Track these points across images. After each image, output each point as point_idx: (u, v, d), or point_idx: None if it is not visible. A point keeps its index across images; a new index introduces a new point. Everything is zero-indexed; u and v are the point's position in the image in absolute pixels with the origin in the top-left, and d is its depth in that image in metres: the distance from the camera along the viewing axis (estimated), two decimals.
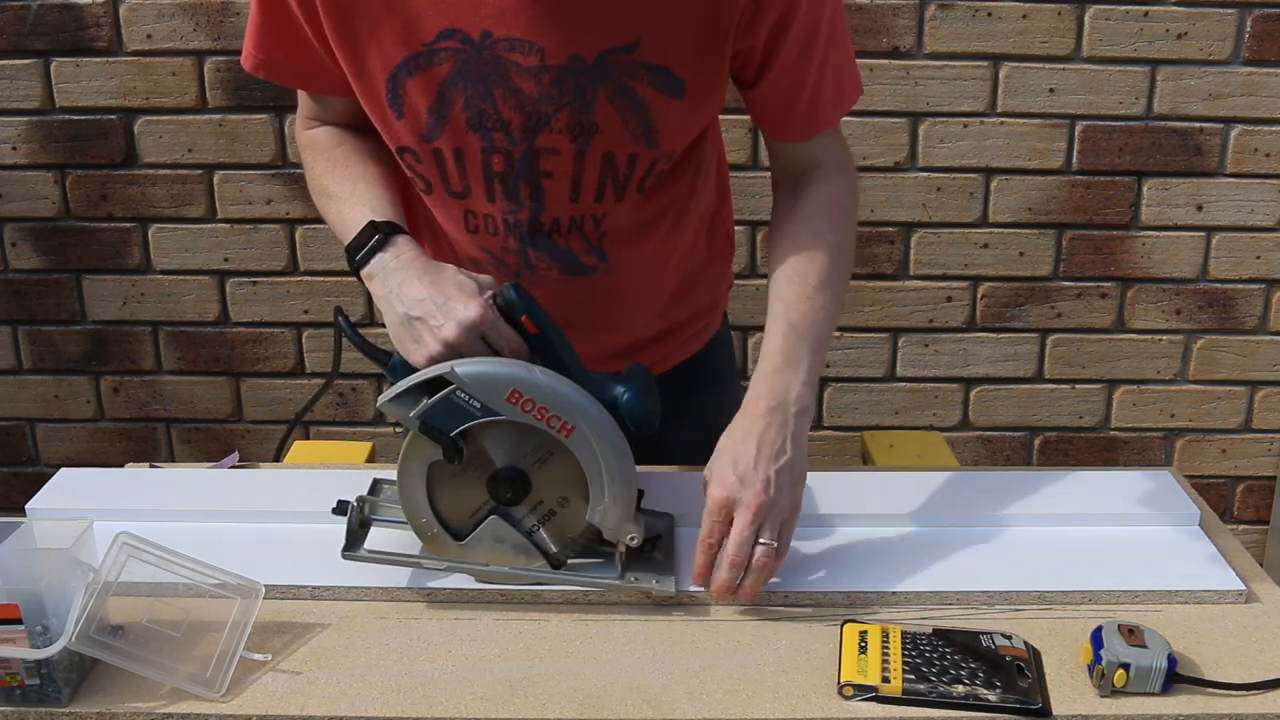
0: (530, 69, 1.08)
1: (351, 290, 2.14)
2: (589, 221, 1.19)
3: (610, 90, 1.09)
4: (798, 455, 1.09)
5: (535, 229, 1.19)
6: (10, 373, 2.22)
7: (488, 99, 1.10)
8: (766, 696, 0.95)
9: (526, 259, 1.22)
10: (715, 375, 1.46)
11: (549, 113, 1.10)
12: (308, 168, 1.25)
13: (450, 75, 1.09)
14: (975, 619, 1.05)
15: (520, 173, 1.15)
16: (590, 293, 1.25)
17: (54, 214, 2.12)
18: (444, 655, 1.00)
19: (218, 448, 2.27)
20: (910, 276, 2.15)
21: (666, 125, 1.13)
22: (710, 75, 1.12)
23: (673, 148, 1.16)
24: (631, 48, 1.07)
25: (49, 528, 0.99)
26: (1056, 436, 2.27)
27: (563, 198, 1.17)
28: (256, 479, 1.29)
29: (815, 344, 1.14)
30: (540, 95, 1.09)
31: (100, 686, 0.96)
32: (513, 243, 1.20)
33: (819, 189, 1.20)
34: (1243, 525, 2.34)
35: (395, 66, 1.10)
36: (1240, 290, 2.17)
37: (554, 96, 1.09)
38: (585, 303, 1.25)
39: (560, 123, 1.11)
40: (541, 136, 1.12)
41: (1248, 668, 0.98)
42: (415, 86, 1.10)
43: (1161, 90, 2.03)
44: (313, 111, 1.25)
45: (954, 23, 1.99)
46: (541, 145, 1.13)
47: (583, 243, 1.21)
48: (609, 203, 1.18)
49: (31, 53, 2.02)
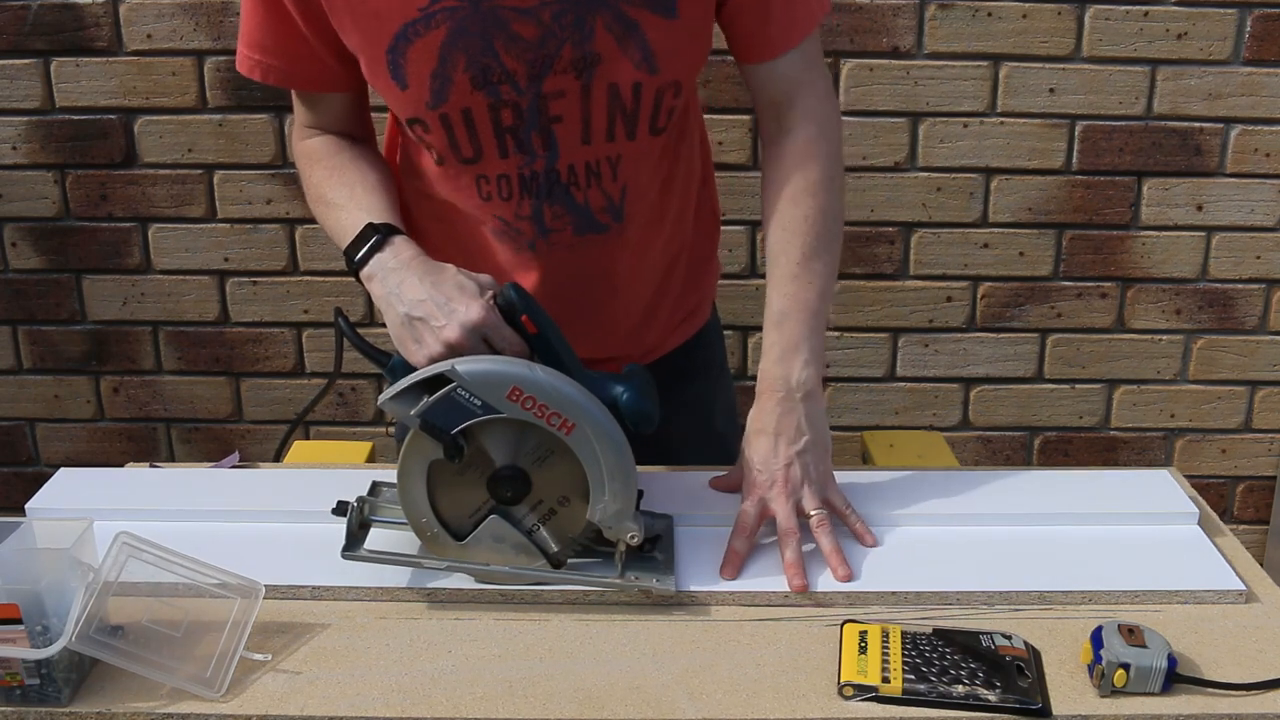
0: (529, 10, 1.10)
1: (351, 290, 2.14)
2: (605, 166, 1.20)
3: (607, 17, 1.12)
4: (816, 433, 1.17)
5: (552, 180, 1.20)
6: (10, 373, 2.22)
7: (489, 53, 1.12)
8: (766, 696, 0.95)
9: (541, 221, 1.22)
10: (707, 366, 1.48)
11: (553, 51, 1.12)
12: (305, 177, 1.26)
13: (449, 36, 1.11)
14: (975, 619, 1.05)
15: (530, 122, 1.16)
16: (598, 255, 1.26)
17: (54, 214, 2.12)
18: (444, 655, 1.00)
19: (218, 448, 2.27)
20: (910, 276, 2.15)
21: (663, 48, 1.14)
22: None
23: (674, 75, 1.17)
24: None
25: (49, 528, 0.99)
26: (1056, 436, 2.27)
27: (574, 141, 1.18)
28: (256, 479, 1.29)
29: (809, 322, 1.18)
30: (543, 35, 1.11)
31: (100, 686, 0.96)
32: (527, 206, 1.21)
33: (798, 134, 1.21)
34: (1243, 525, 2.34)
35: (394, 37, 1.11)
36: (1240, 290, 2.17)
37: (555, 33, 1.11)
38: (591, 268, 1.27)
39: (564, 60, 1.13)
40: (548, 80, 1.14)
41: (1248, 668, 0.98)
42: (415, 54, 1.12)
43: (1161, 90, 2.03)
44: (309, 119, 1.26)
45: (954, 23, 1.99)
46: (548, 90, 1.14)
47: (601, 198, 1.22)
48: (621, 141, 1.19)
49: (31, 53, 2.02)
